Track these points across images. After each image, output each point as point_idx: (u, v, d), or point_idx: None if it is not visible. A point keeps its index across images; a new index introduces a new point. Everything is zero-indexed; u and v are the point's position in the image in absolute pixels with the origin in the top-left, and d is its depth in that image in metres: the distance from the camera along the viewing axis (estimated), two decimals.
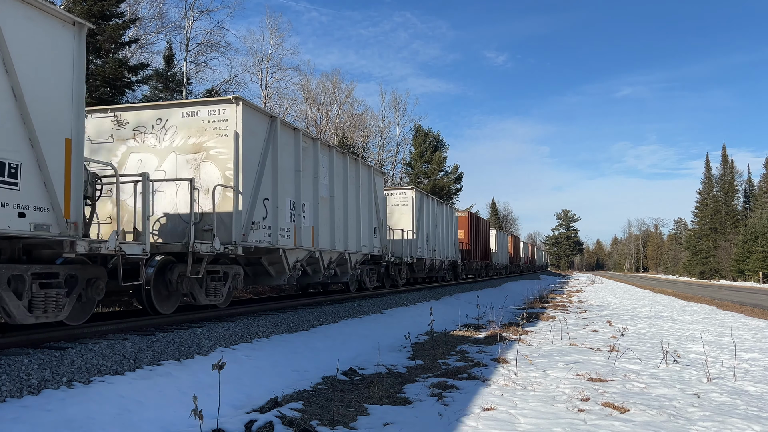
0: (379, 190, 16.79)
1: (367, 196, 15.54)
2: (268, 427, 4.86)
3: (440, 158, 54.51)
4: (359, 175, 14.99)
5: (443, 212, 24.74)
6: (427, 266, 21.87)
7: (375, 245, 15.90)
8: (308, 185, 11.83)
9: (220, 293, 9.60)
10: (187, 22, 27.99)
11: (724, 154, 79.10)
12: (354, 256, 14.46)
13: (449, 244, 25.59)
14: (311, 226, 11.86)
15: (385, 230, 17.07)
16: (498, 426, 5.04)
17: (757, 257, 57.70)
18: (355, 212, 14.53)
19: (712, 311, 18.61)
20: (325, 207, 12.65)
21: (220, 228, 9.08)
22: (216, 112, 9.49)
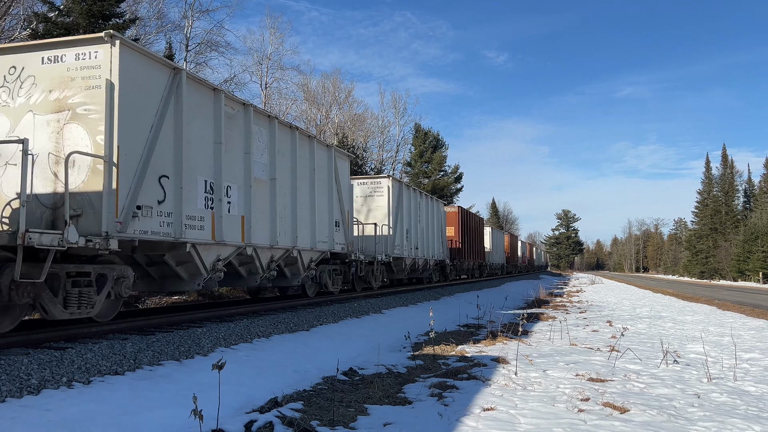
0: (343, 175, 14.33)
1: (326, 182, 13.14)
2: (268, 427, 4.86)
3: (440, 158, 54.52)
4: (314, 155, 12.36)
5: (428, 206, 22.45)
6: (408, 266, 19.72)
7: (337, 241, 13.57)
8: (236, 163, 9.48)
9: (90, 303, 7.08)
10: (186, 22, 28.01)
11: (724, 154, 79.17)
12: (307, 254, 12.15)
13: (435, 242, 23.34)
14: (240, 216, 9.55)
15: (351, 224, 14.76)
16: (498, 426, 5.04)
17: (757, 257, 57.70)
18: (309, 201, 12.10)
19: (712, 311, 18.61)
20: (262, 192, 10.27)
21: (88, 213, 6.82)
22: (85, 56, 7.12)
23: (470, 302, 17.93)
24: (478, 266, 34.42)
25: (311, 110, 42.34)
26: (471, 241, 30.74)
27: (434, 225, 23.21)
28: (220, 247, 9.07)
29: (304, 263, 12.10)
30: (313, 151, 12.38)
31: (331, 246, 13.24)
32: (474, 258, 31.59)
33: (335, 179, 13.57)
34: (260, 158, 10.28)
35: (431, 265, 22.80)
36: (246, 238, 9.73)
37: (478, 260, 33.04)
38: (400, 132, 52.56)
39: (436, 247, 23.57)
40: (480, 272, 36.02)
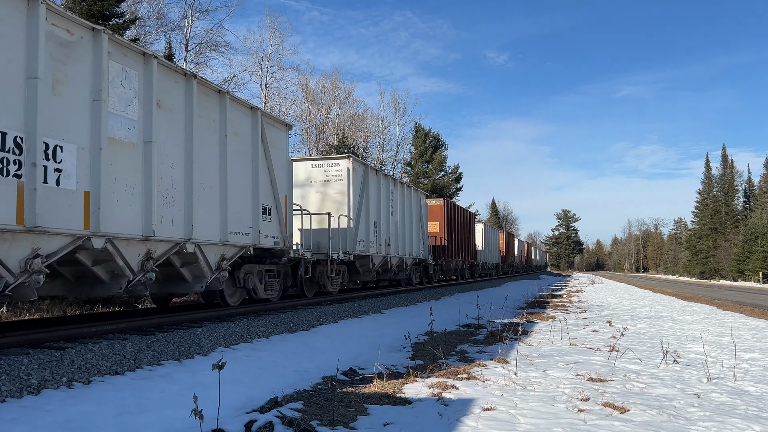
0: (278, 148, 11.13)
1: (248, 154, 10.04)
2: (268, 427, 4.86)
3: (440, 158, 54.56)
4: (228, 118, 9.31)
5: (406, 197, 19.52)
6: (377, 266, 16.63)
7: (267, 233, 10.56)
8: (74, 114, 6.59)
9: None
10: (186, 22, 28.03)
11: (724, 154, 79.20)
12: (214, 249, 9.16)
13: (414, 239, 20.36)
14: (83, 191, 6.62)
15: (290, 212, 11.61)
16: (498, 426, 5.04)
17: (757, 257, 57.72)
18: (216, 177, 9.06)
19: (712, 311, 18.61)
20: (127, 159, 7.34)
21: None
22: None
23: (470, 302, 17.93)
24: (468, 266, 31.91)
25: (311, 110, 42.37)
26: (460, 239, 27.94)
27: (413, 219, 20.23)
28: (36, 236, 6.08)
29: (211, 262, 9.07)
30: (226, 112, 9.26)
31: (255, 239, 10.12)
32: (463, 257, 28.86)
33: (264, 153, 10.41)
34: (123, 110, 7.28)
35: (409, 264, 19.97)
36: (93, 225, 6.71)
37: (468, 259, 30.36)
38: (400, 132, 52.63)
39: (415, 244, 20.56)
40: (471, 272, 33.54)
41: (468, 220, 30.72)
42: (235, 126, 9.71)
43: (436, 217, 25.02)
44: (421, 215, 21.58)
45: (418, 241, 20.99)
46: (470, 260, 31.13)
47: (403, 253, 18.97)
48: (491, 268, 41.40)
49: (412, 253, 20.20)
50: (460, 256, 28.21)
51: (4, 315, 11.60)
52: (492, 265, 41.33)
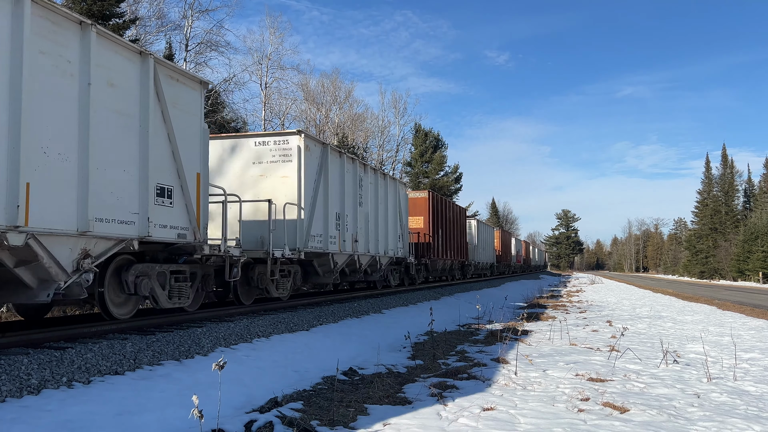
0: (185, 111, 8.40)
1: (130, 113, 7.43)
2: (268, 427, 4.86)
3: (440, 158, 54.59)
4: (90, 56, 6.69)
5: (380, 186, 16.55)
6: (341, 266, 13.79)
7: (161, 221, 7.84)
8: None
9: None
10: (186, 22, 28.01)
11: (724, 154, 79.22)
12: (62, 242, 6.42)
13: (391, 235, 17.36)
14: None
15: (204, 195, 8.81)
16: (498, 426, 5.04)
17: (757, 257, 57.72)
18: (57, 136, 6.32)
19: (712, 311, 18.61)
20: None
21: None
22: None
23: (470, 302, 17.94)
24: (459, 266, 29.33)
25: (311, 110, 42.38)
26: (448, 236, 25.34)
27: (389, 212, 17.37)
28: None
29: (62, 260, 6.41)
30: (90, 52, 6.68)
31: (142, 230, 7.47)
32: (453, 256, 26.25)
33: (162, 115, 7.95)
34: None
35: (384, 264, 16.98)
36: None
37: (458, 258, 27.63)
38: (400, 132, 52.60)
39: (392, 240, 17.55)
40: (462, 273, 30.93)
41: (458, 216, 27.84)
42: (110, 73, 7.08)
43: (419, 211, 22.44)
44: (400, 208, 18.59)
45: (395, 238, 17.96)
46: (461, 259, 28.38)
47: (376, 250, 16.01)
48: (485, 268, 38.52)
49: (388, 250, 17.13)
50: (449, 255, 25.51)
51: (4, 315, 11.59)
52: (486, 265, 38.32)
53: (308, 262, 12.82)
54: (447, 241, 25.11)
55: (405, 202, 19.51)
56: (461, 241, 28.39)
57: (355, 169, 14.70)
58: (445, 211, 25.13)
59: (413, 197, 22.47)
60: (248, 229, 11.34)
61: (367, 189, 15.59)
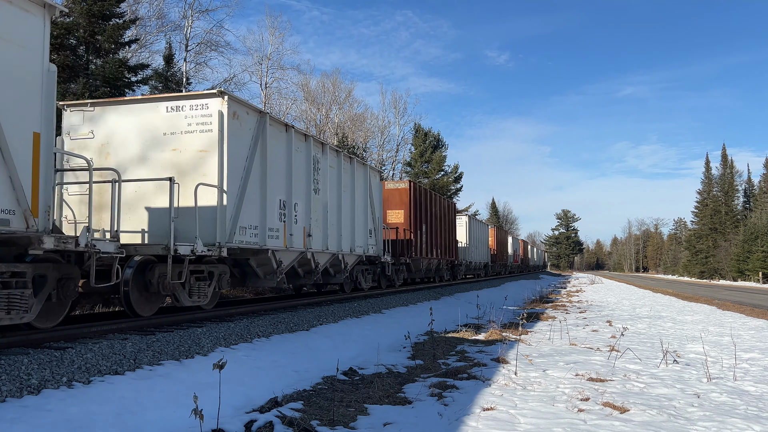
0: (11, 41, 5.78)
1: None
2: (268, 427, 4.86)
3: (440, 158, 54.57)
4: None
5: (344, 171, 13.96)
6: (288, 265, 11.24)
7: None
8: None
9: None
10: (186, 22, 28.03)
11: (724, 153, 79.30)
12: None
13: (359, 229, 14.99)
14: None
15: (46, 165, 6.23)
16: (498, 426, 5.04)
17: (757, 257, 57.73)
18: None
19: (712, 311, 18.61)
20: None
21: None
22: None
23: (470, 302, 17.94)
24: (448, 266, 26.79)
25: (311, 110, 42.38)
26: (434, 232, 22.90)
27: (357, 202, 14.82)
28: None
29: None
30: None
31: None
32: (440, 254, 23.85)
33: None
34: None
35: (350, 264, 14.55)
36: None
37: (447, 258, 25.14)
38: (400, 132, 52.61)
39: (361, 236, 15.05)
40: (452, 274, 28.43)
41: (447, 211, 25.35)
42: None
43: (400, 204, 19.98)
44: (372, 199, 15.96)
45: (365, 233, 15.36)
46: (450, 259, 25.93)
47: (339, 247, 13.48)
48: (479, 268, 35.90)
49: (355, 248, 14.59)
50: (435, 254, 23.07)
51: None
52: (480, 265, 35.75)
53: (243, 261, 10.37)
54: (433, 239, 22.57)
55: (378, 192, 16.84)
56: (450, 238, 25.80)
57: (309, 148, 12.02)
58: (431, 204, 22.61)
59: (392, 188, 20.11)
60: (158, 218, 9.13)
61: (327, 173, 12.95)
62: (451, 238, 26.01)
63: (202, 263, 9.43)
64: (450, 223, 25.85)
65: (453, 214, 26.89)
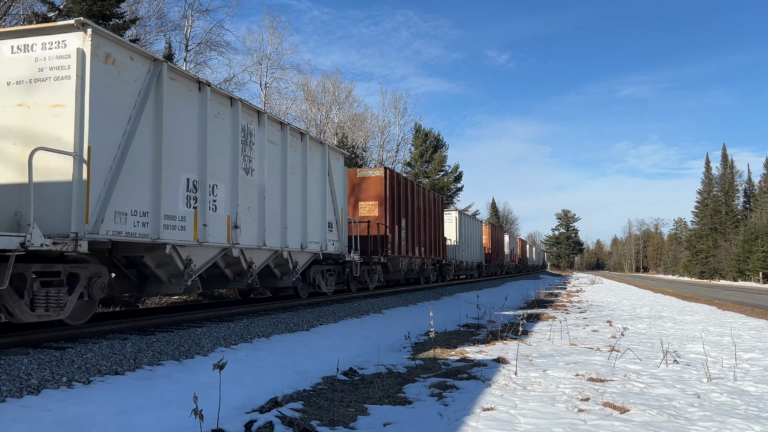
0: None
1: None
2: (268, 427, 4.86)
3: (441, 158, 54.59)
4: None
5: (291, 149, 11.30)
6: (204, 266, 8.91)
7: None
8: None
9: None
10: (186, 22, 28.04)
11: (724, 153, 79.34)
12: None
13: (314, 222, 12.32)
14: None
15: None
16: (498, 426, 5.04)
17: (757, 257, 57.72)
18: None
19: (712, 311, 18.61)
20: None
21: None
22: None
23: (470, 302, 17.94)
24: (434, 266, 24.26)
25: (311, 110, 42.38)
26: (417, 228, 20.32)
27: (312, 189, 12.25)
28: None
29: None
30: None
31: None
32: (424, 253, 21.35)
33: None
34: None
35: (302, 264, 12.06)
36: None
37: (432, 256, 22.68)
38: (401, 132, 52.63)
39: (316, 230, 12.45)
40: (440, 275, 25.88)
41: (433, 205, 22.80)
42: None
43: (373, 195, 17.31)
44: (333, 186, 13.39)
45: (323, 227, 12.79)
46: (436, 258, 23.42)
47: (282, 243, 10.80)
48: (471, 269, 33.40)
49: (309, 244, 11.93)
50: (417, 252, 20.40)
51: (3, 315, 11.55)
52: (472, 265, 33.22)
53: (137, 260, 8.00)
54: (415, 235, 20.03)
55: (341, 179, 14.19)
56: (436, 235, 23.30)
57: (237, 116, 9.43)
58: (413, 196, 19.94)
59: (364, 176, 17.55)
60: None
61: (265, 150, 10.28)
62: (437, 235, 23.56)
63: (61, 262, 7.00)
64: (436, 218, 23.47)
65: (440, 208, 24.39)
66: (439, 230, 24.03)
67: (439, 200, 24.13)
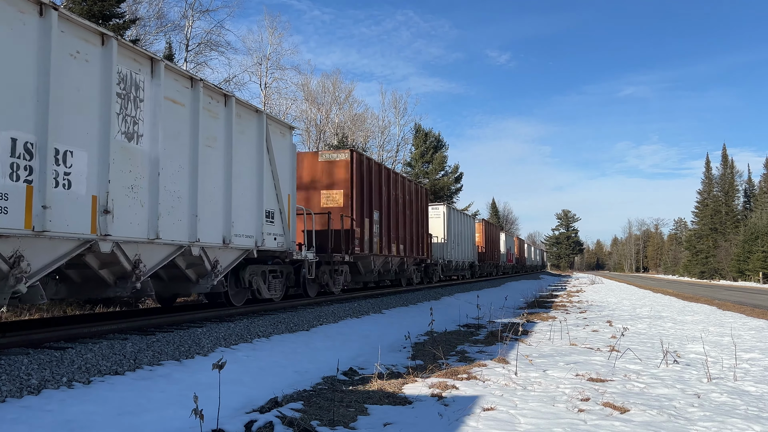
0: None
1: None
2: (268, 427, 4.86)
3: (441, 159, 54.59)
4: None
5: (211, 113, 9.09)
6: (44, 266, 6.24)
7: None
8: None
9: None
10: (186, 22, 28.04)
11: (724, 153, 79.37)
12: None
13: (244, 208, 9.95)
14: None
15: None
16: (498, 426, 5.04)
17: (757, 257, 57.72)
18: None
19: (712, 311, 18.61)
20: None
21: None
22: None
23: (470, 302, 17.94)
24: (417, 266, 21.77)
25: (311, 110, 42.38)
26: (393, 222, 17.66)
27: (240, 167, 9.82)
28: None
29: None
30: None
31: None
32: (403, 251, 18.76)
33: None
34: None
35: (225, 263, 9.71)
36: None
37: (414, 255, 20.20)
38: (401, 132, 52.63)
39: (248, 219, 10.09)
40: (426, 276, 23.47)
41: (415, 197, 20.19)
42: None
43: (337, 182, 14.81)
44: (274, 164, 10.90)
45: (258, 217, 10.35)
46: (418, 257, 20.89)
47: (192, 236, 8.49)
48: (462, 269, 30.41)
49: (234, 237, 9.53)
50: (395, 250, 17.81)
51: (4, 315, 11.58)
52: (463, 265, 30.34)
53: None
54: (391, 231, 17.45)
55: (289, 158, 11.60)
56: (419, 231, 20.78)
57: (111, 59, 6.95)
58: (387, 185, 17.20)
59: (327, 160, 14.89)
60: None
61: (162, 111, 7.81)
62: (420, 232, 21.02)
63: None
64: (419, 212, 20.91)
65: (424, 201, 21.69)
66: (423, 226, 21.48)
67: (422, 192, 21.59)
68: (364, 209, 15.43)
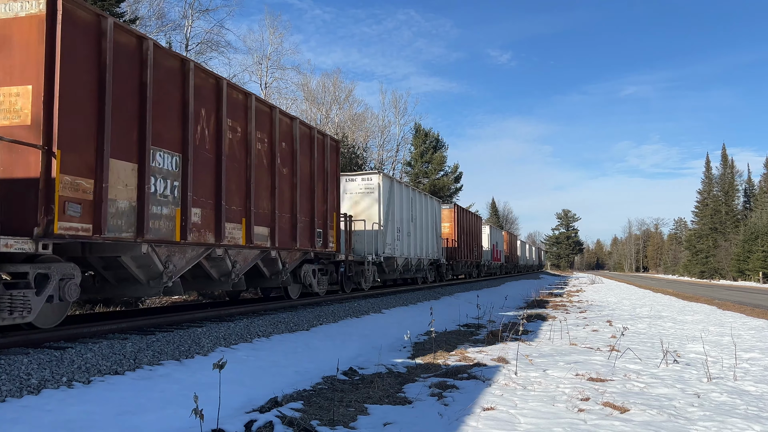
0: None
1: None
2: (268, 427, 4.86)
3: (441, 158, 54.56)
4: None
5: None
6: None
7: None
8: None
9: None
10: (187, 22, 28.03)
11: (724, 153, 79.34)
12: None
13: None
14: None
15: None
16: (498, 426, 5.04)
17: (757, 257, 57.71)
18: None
19: (712, 311, 18.60)
20: None
21: None
22: None
23: (470, 302, 17.93)
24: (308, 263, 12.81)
25: (311, 110, 42.37)
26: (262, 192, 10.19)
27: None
28: None
29: None
30: None
31: None
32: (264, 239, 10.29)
33: None
34: None
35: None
36: None
37: (297, 247, 11.34)
38: (401, 131, 52.62)
39: None
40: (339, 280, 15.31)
41: (306, 149, 12.05)
42: None
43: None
44: None
45: None
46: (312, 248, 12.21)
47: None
48: (416, 269, 22.17)
49: None
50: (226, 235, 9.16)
51: None
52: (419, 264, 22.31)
53: None
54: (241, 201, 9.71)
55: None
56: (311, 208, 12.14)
57: None
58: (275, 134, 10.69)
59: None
60: None
61: None
62: (316, 209, 12.42)
63: None
64: (322, 175, 12.89)
65: (332, 163, 13.32)
66: (323, 200, 12.86)
67: (327, 146, 13.06)
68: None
